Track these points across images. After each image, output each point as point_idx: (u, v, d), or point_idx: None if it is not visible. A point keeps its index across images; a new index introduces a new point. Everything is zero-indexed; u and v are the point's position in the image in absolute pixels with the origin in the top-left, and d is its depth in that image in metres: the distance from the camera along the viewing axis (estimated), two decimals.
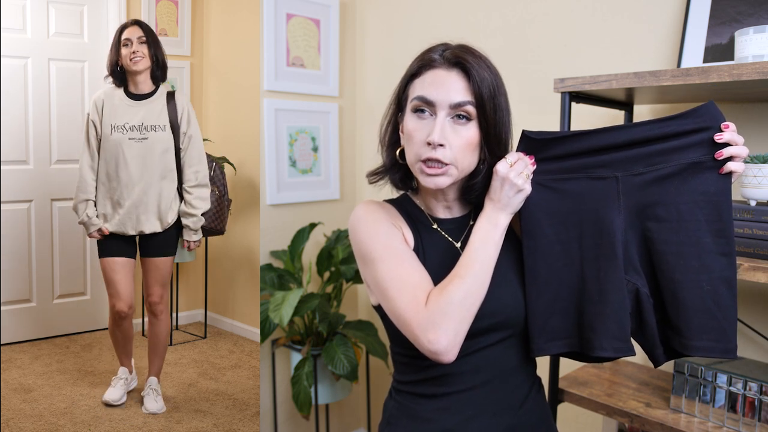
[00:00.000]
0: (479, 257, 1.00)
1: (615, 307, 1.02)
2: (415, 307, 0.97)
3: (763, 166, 1.24)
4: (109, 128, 2.15)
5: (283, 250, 2.45)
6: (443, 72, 1.03)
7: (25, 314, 3.05)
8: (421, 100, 1.03)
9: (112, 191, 2.18)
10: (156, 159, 2.17)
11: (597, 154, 1.04)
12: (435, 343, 0.94)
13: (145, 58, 2.15)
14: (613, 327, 1.02)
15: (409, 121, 1.05)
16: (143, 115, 2.16)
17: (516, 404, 1.10)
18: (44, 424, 2.24)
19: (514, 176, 1.02)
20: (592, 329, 1.04)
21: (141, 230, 2.19)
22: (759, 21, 1.44)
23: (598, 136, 1.04)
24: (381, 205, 1.12)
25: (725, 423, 1.33)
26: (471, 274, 0.98)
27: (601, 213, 1.04)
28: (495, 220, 1.03)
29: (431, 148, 1.01)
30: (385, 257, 1.02)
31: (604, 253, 1.03)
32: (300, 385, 2.21)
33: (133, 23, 2.17)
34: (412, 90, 1.06)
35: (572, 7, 1.90)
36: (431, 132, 1.00)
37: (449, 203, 1.12)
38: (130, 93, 2.20)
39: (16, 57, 2.91)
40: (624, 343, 1.03)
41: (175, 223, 2.25)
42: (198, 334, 3.22)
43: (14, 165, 2.96)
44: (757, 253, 1.21)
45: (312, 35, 2.52)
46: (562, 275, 1.07)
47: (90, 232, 2.20)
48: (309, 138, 2.54)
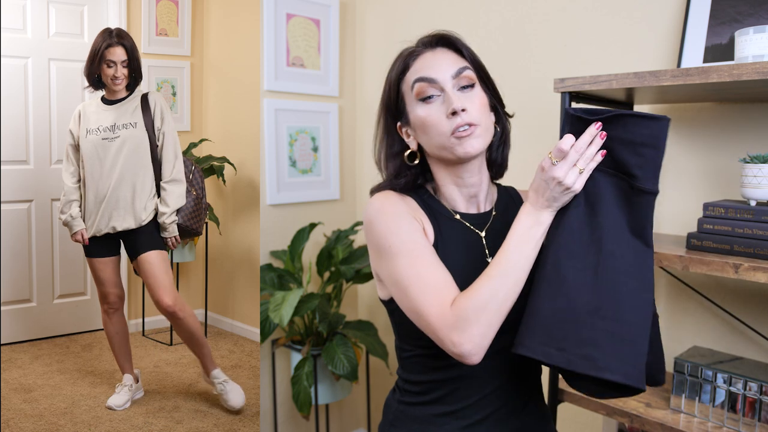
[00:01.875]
0: (513, 257, 0.94)
1: (633, 330, 0.91)
2: (440, 307, 0.93)
3: (763, 166, 1.24)
4: (85, 132, 2.22)
5: (283, 250, 2.45)
6: (429, 53, 1.06)
7: (25, 314, 3.05)
8: (423, 81, 1.03)
9: (92, 192, 2.22)
10: (128, 156, 2.20)
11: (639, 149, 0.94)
12: (459, 345, 0.91)
13: (125, 79, 2.22)
14: (626, 351, 0.90)
15: (418, 110, 1.04)
16: (115, 117, 2.22)
17: (519, 407, 1.10)
18: (44, 424, 2.24)
19: (564, 176, 0.94)
20: (596, 347, 0.90)
21: (114, 227, 2.21)
22: (759, 21, 1.44)
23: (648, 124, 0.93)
24: (400, 196, 1.09)
25: (725, 423, 1.33)
26: (503, 275, 0.93)
27: (636, 226, 0.95)
28: (537, 217, 0.97)
29: (456, 117, 1.00)
30: (407, 253, 0.99)
31: (628, 270, 0.92)
32: (300, 385, 2.21)
33: (118, 43, 2.18)
34: (406, 84, 1.06)
35: (572, 7, 1.90)
36: (449, 104, 1.01)
37: (476, 189, 1.09)
38: (105, 100, 2.27)
39: (16, 57, 2.92)
40: (637, 372, 0.90)
41: (152, 221, 2.25)
42: None
43: (14, 165, 2.96)
44: (757, 253, 1.21)
45: (312, 35, 2.52)
46: (568, 278, 0.94)
47: (73, 233, 2.24)
48: (309, 138, 2.54)
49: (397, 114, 1.10)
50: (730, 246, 1.24)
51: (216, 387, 2.32)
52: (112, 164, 2.20)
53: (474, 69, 1.06)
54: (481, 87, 1.06)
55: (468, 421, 1.06)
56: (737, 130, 1.54)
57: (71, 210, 2.25)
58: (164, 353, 2.94)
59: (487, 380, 1.06)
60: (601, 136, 0.96)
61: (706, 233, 1.28)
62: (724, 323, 1.60)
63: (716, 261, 1.21)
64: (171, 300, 2.18)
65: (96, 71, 2.21)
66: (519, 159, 2.09)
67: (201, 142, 3.14)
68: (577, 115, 0.98)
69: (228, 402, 2.30)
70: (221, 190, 3.22)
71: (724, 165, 1.57)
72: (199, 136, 3.33)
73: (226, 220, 3.20)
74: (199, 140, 3.15)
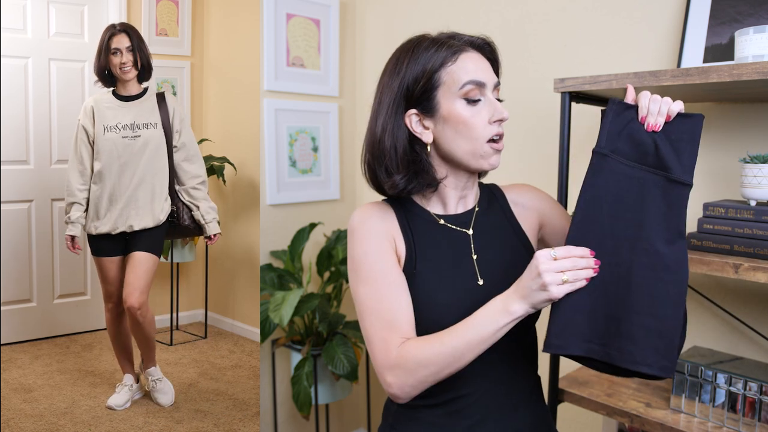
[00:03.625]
0: (469, 335, 0.92)
1: (667, 324, 0.92)
2: (385, 344, 0.98)
3: (763, 166, 1.24)
4: (102, 128, 2.20)
5: (283, 250, 2.45)
6: (476, 55, 1.06)
7: (25, 314, 3.05)
8: (475, 84, 1.02)
9: (107, 190, 2.21)
10: (149, 156, 2.21)
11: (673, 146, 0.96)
12: (390, 387, 0.97)
13: (133, 67, 2.20)
14: (660, 344, 0.92)
15: (461, 109, 1.02)
16: (134, 115, 2.22)
17: (520, 406, 1.10)
18: (44, 424, 2.24)
19: (546, 272, 0.89)
20: (633, 342, 0.93)
21: (131, 225, 2.21)
22: (759, 21, 1.44)
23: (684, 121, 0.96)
24: (379, 209, 1.09)
25: (725, 423, 1.33)
26: (453, 348, 0.93)
27: (671, 220, 0.95)
28: (509, 306, 0.92)
29: (497, 125, 1.03)
30: (371, 281, 1.02)
31: (664, 264, 0.94)
32: (300, 385, 2.21)
33: (121, 30, 2.19)
34: (449, 76, 1.02)
35: (572, 7, 1.90)
36: (494, 110, 1.03)
37: (468, 190, 1.12)
38: (119, 95, 2.25)
39: (16, 57, 2.91)
40: (671, 363, 0.92)
41: (164, 223, 2.27)
42: (198, 334, 3.22)
43: (14, 165, 2.96)
44: (757, 253, 1.21)
45: (312, 35, 2.52)
46: (603, 274, 0.94)
47: (66, 233, 2.24)
48: (309, 138, 2.54)
49: (416, 100, 1.05)
50: (730, 246, 1.24)
51: (149, 383, 2.36)
52: (132, 164, 2.19)
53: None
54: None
55: (468, 421, 1.06)
56: (737, 130, 1.54)
57: (72, 212, 2.24)
58: (164, 353, 2.94)
59: (485, 380, 1.06)
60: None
61: (706, 233, 1.28)
62: (724, 323, 1.60)
63: (716, 261, 1.21)
64: (137, 302, 2.20)
65: (104, 64, 2.20)
66: (518, 159, 2.10)
67: (201, 142, 3.14)
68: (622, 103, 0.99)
69: (157, 400, 2.35)
70: (221, 190, 3.22)
71: (724, 165, 1.57)
72: (199, 136, 3.32)
73: (226, 220, 3.20)
74: (200, 140, 3.14)
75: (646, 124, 0.96)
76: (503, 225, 1.14)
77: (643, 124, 0.97)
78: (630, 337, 0.93)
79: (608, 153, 0.99)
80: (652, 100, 0.96)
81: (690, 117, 0.96)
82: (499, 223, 1.14)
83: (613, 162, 0.98)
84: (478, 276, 1.07)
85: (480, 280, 1.07)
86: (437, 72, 1.02)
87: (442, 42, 1.04)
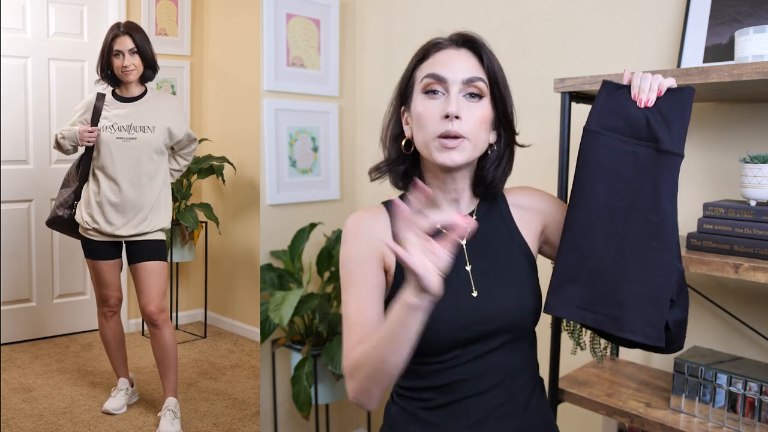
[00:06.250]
0: (386, 334, 0.91)
1: (658, 291, 0.97)
2: (346, 354, 1.00)
3: (763, 166, 1.24)
4: (99, 127, 2.15)
5: (283, 250, 2.45)
6: (453, 51, 1.05)
7: (25, 314, 3.05)
8: (433, 78, 1.02)
9: (101, 191, 2.14)
10: (145, 160, 2.15)
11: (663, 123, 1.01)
12: (350, 392, 0.98)
13: (136, 69, 2.15)
14: (650, 311, 0.97)
15: (418, 103, 1.04)
16: (132, 116, 2.16)
17: (521, 406, 1.09)
18: (44, 424, 2.24)
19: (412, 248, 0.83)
20: (623, 308, 0.99)
21: (127, 231, 2.15)
22: (759, 21, 1.44)
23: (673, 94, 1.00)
24: (372, 215, 1.09)
25: (725, 423, 1.33)
26: (374, 347, 0.94)
27: (661, 189, 0.99)
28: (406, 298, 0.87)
29: (448, 121, 0.99)
30: (352, 287, 1.04)
31: (655, 232, 0.98)
32: (300, 385, 2.21)
33: (124, 32, 2.13)
34: (419, 73, 1.06)
35: (572, 7, 1.90)
36: (447, 106, 1.00)
37: (458, 194, 1.09)
38: (118, 96, 2.20)
39: (16, 57, 2.92)
40: (657, 331, 0.97)
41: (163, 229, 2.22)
42: (198, 333, 3.22)
43: (14, 165, 2.96)
44: (757, 253, 1.21)
45: (312, 35, 2.52)
46: (598, 244, 1.01)
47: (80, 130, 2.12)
48: (309, 138, 2.54)
49: (405, 98, 1.09)
50: (730, 246, 1.24)
51: (163, 410, 2.18)
52: (126, 166, 2.13)
53: (489, 82, 1.04)
54: (489, 102, 1.04)
55: (468, 421, 1.06)
56: (737, 130, 1.54)
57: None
58: None
59: (483, 381, 1.05)
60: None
61: (706, 233, 1.28)
62: (724, 323, 1.60)
63: (716, 261, 1.21)
64: (157, 307, 2.15)
65: (107, 65, 2.15)
66: (518, 159, 2.09)
67: (201, 141, 3.14)
68: (614, 83, 1.04)
69: (161, 427, 2.15)
70: (221, 190, 3.22)
71: (724, 165, 1.57)
72: (199, 136, 3.32)
73: (226, 220, 3.20)
74: (199, 140, 3.14)
75: (639, 100, 1.01)
76: (501, 232, 1.12)
77: (636, 101, 1.01)
78: (621, 304, 0.99)
79: (599, 130, 1.04)
80: (643, 78, 1.00)
81: (680, 90, 1.00)
82: (496, 231, 1.12)
83: (606, 138, 1.03)
84: (472, 287, 1.05)
85: (474, 292, 1.05)
86: (414, 69, 1.08)
87: (428, 41, 1.08)
